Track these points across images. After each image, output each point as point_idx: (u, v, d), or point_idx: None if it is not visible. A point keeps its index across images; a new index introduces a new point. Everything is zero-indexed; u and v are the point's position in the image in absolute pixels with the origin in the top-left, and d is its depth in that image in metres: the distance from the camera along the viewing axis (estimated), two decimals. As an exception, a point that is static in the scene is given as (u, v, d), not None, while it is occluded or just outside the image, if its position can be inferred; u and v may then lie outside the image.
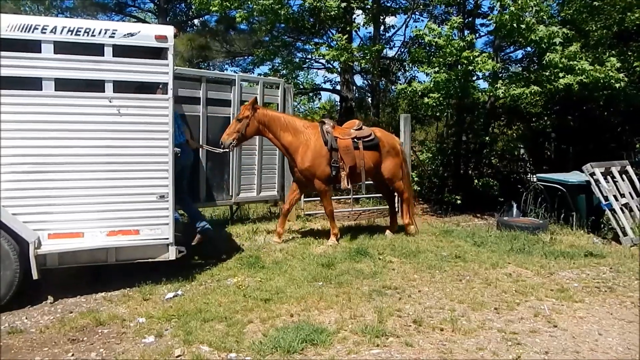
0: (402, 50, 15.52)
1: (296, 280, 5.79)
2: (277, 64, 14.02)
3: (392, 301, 5.19)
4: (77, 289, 5.42)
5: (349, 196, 10.64)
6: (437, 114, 11.81)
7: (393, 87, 16.00)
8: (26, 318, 4.77)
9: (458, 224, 9.67)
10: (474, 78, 11.32)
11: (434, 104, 10.43)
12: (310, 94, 17.44)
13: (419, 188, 11.49)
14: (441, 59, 10.35)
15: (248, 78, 9.94)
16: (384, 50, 14.54)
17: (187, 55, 14.89)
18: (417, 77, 15.92)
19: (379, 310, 4.86)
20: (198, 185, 7.94)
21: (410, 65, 14.29)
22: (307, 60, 14.98)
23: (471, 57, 10.00)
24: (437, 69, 10.37)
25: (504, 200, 10.69)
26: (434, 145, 12.04)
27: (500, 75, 11.79)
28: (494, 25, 10.38)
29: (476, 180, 11.06)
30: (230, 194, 8.41)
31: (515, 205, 9.93)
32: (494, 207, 10.23)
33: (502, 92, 10.16)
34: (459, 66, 10.38)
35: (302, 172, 7.37)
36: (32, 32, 4.92)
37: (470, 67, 10.15)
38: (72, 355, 3.97)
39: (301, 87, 15.27)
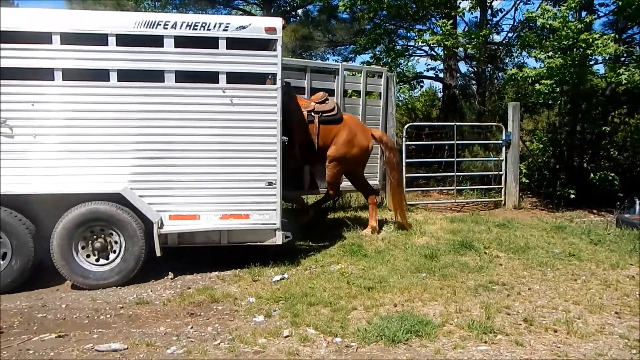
0: (511, 35, 14.67)
1: (399, 270, 5.76)
2: (378, 52, 13.89)
3: (499, 297, 4.98)
4: (193, 267, 5.82)
5: (452, 187, 10.35)
6: (550, 102, 11.02)
7: (500, 74, 15.20)
8: (151, 291, 5.22)
9: (571, 220, 9.03)
10: (592, 63, 10.42)
11: (547, 91, 9.75)
12: (412, 82, 17.09)
13: (527, 180, 10.85)
14: (555, 43, 9.63)
15: (351, 67, 9.96)
16: (491, 36, 13.82)
17: (291, 46, 15.26)
18: (526, 63, 15.00)
19: (486, 305, 4.69)
20: (302, 173, 8.14)
21: (520, 50, 13.46)
22: (409, 48, 14.70)
23: (590, 40, 9.19)
24: (550, 53, 9.67)
25: (624, 196, 9.76)
26: (544, 135, 11.27)
27: (622, 59, 10.73)
28: (617, 4, 9.44)
29: (592, 174, 10.18)
30: (332, 182, 8.50)
31: (638, 202, 9.05)
32: (612, 203, 9.39)
33: (626, 78, 9.25)
34: (575, 50, 9.60)
35: None
36: (156, 28, 5.31)
37: (589, 51, 9.34)
38: (191, 328, 4.28)
39: (403, 75, 15.01)
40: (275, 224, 5.70)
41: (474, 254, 6.46)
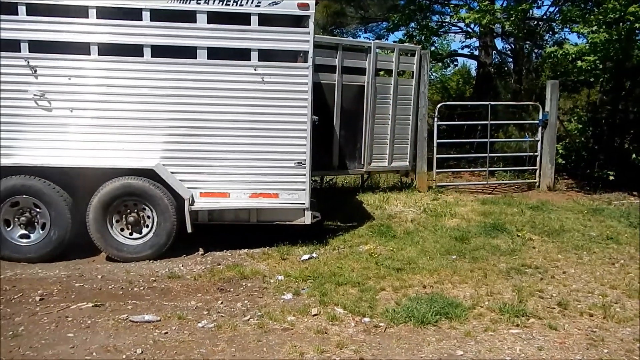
0: (552, 9, 14.08)
1: (428, 252, 5.70)
2: (411, 30, 13.57)
3: (532, 281, 4.89)
4: (223, 244, 5.89)
5: (484, 168, 10.13)
6: (591, 80, 10.59)
7: (539, 50, 14.66)
8: (182, 265, 5.32)
9: (609, 202, 8.73)
10: (639, 37, 9.89)
11: (589, 68, 9.35)
12: (445, 60, 16.67)
13: (563, 162, 10.52)
14: (600, 17, 9.17)
15: (384, 45, 9.77)
16: (531, 10, 13.30)
17: (322, 23, 15.03)
18: (567, 39, 14.40)
19: (518, 289, 4.62)
20: (331, 153, 8.09)
21: (561, 25, 12.92)
22: (443, 25, 14.30)
23: (639, 13, 8.71)
24: (594, 28, 9.22)
25: (667, 177, 9.37)
26: (584, 115, 10.87)
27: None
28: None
29: (634, 155, 9.78)
30: (362, 163, 8.45)
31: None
32: (654, 185, 9.05)
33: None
34: (622, 24, 9.13)
35: None
36: (189, 3, 5.29)
37: (637, 24, 8.85)
38: (221, 303, 4.35)
39: (436, 53, 14.63)
40: (304, 203, 5.70)
41: (506, 236, 6.34)
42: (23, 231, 5.36)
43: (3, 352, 3.46)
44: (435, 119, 9.48)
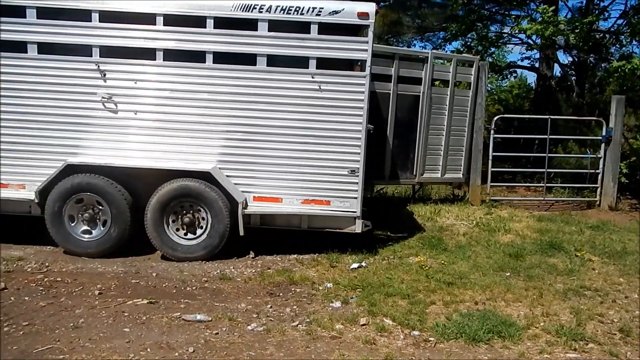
0: (620, 21, 13.46)
1: (481, 267, 5.56)
2: (469, 40, 13.30)
3: (592, 304, 4.67)
4: (273, 248, 5.96)
5: (541, 184, 9.78)
6: (660, 96, 10.06)
7: (604, 64, 14.03)
8: (233, 268, 5.42)
9: (679, 226, 8.23)
10: None
11: (658, 84, 8.89)
12: (505, 72, 16.22)
13: (627, 180, 10.01)
14: (673, 31, 8.73)
15: (441, 55, 9.64)
16: (597, 22, 12.75)
17: (379, 31, 14.99)
18: (635, 52, 13.71)
19: (576, 311, 4.43)
20: (383, 163, 8.04)
21: (630, 39, 12.33)
22: (503, 36, 13.94)
23: None
24: (666, 42, 8.78)
25: None
26: (652, 132, 10.34)
27: None
28: None
29: None
30: (415, 173, 8.35)
31: None
32: None
33: None
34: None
35: None
36: (251, 11, 5.42)
37: None
38: (271, 307, 4.40)
39: (494, 65, 14.27)
40: (355, 211, 5.69)
41: (563, 255, 6.09)
42: (85, 227, 5.62)
43: (65, 342, 3.62)
44: (492, 131, 9.26)
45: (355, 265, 5.52)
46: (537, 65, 14.97)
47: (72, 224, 5.60)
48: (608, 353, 3.74)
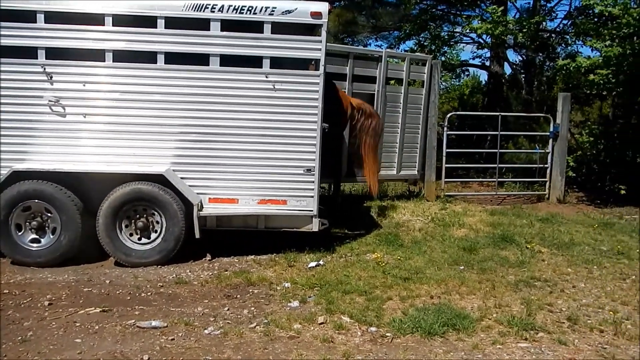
0: (566, 22, 14.05)
1: (436, 261, 5.68)
2: (423, 39, 13.57)
3: (542, 294, 4.84)
4: (230, 250, 5.90)
5: (493, 179, 10.09)
6: (604, 93, 10.53)
7: (551, 63, 14.60)
8: (189, 271, 5.34)
9: (621, 217, 8.65)
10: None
11: (601, 82, 9.31)
12: (456, 70, 16.65)
13: (574, 174, 10.45)
14: (614, 31, 9.15)
15: (395, 54, 9.80)
16: (544, 23, 13.26)
17: (334, 31, 15.07)
18: (579, 52, 14.34)
19: (527, 302, 4.58)
20: (340, 161, 8.08)
21: (574, 38, 12.89)
22: (455, 35, 14.29)
23: (653, 28, 8.68)
24: (607, 42, 9.20)
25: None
26: (596, 127, 10.79)
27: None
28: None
29: (647, 169, 9.71)
30: (371, 170, 8.42)
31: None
32: (668, 201, 8.94)
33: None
34: (636, 38, 9.10)
35: None
36: (203, 11, 5.35)
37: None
38: (228, 309, 4.35)
39: (447, 63, 14.63)
40: (312, 210, 5.70)
41: (514, 248, 6.30)
42: (34, 235, 5.41)
43: (12, 358, 3.48)
44: (445, 128, 9.47)
45: (313, 264, 5.53)
46: (488, 63, 15.43)
47: (20, 233, 5.38)
48: (557, 341, 3.88)
